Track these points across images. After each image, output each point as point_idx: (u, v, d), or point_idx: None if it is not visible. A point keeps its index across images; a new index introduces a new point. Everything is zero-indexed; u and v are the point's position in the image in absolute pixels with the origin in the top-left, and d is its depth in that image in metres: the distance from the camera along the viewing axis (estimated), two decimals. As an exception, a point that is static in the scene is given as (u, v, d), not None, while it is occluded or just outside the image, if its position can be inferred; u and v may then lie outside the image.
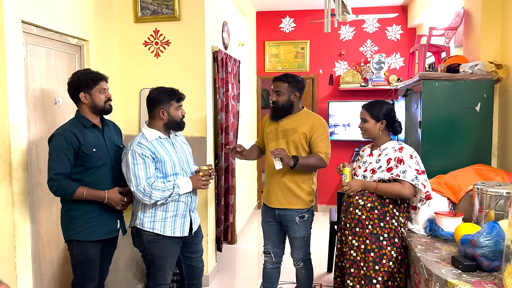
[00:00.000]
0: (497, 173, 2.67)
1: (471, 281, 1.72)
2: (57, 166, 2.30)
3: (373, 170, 2.41)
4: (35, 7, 2.69)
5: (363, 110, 2.49)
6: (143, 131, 2.49)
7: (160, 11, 3.62)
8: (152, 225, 2.43)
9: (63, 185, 2.32)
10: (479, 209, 2.27)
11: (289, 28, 6.25)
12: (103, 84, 2.47)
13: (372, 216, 2.35)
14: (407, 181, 2.29)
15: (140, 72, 3.72)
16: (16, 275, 2.48)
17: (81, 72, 2.50)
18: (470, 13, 3.43)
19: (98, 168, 2.42)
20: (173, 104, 2.50)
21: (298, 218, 2.78)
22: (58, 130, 2.40)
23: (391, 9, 5.88)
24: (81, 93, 2.42)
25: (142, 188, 2.34)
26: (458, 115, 2.96)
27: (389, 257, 2.31)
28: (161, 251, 2.46)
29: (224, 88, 3.94)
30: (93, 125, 2.46)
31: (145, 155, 2.37)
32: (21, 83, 2.55)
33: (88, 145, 2.38)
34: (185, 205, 2.51)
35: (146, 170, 2.36)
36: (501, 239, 1.74)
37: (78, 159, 2.37)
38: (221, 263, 4.18)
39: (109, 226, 2.49)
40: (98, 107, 2.45)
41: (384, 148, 2.44)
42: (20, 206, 2.51)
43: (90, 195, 2.35)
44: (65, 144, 2.31)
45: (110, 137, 2.54)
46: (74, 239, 2.41)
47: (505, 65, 2.99)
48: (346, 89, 5.96)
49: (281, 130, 2.79)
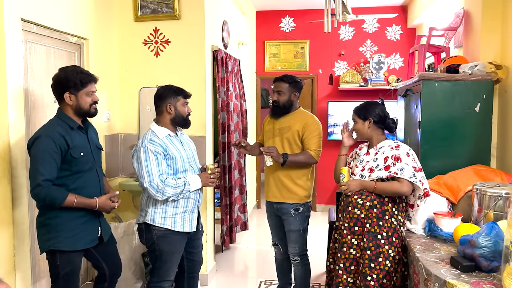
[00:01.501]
0: (496, 173, 2.67)
1: (470, 282, 1.72)
2: (45, 171, 2.10)
3: (370, 169, 2.42)
4: (35, 5, 2.68)
5: (353, 112, 2.57)
6: (152, 129, 2.50)
7: (160, 10, 3.62)
8: (163, 221, 2.47)
9: (52, 193, 2.12)
10: (478, 210, 2.27)
11: (289, 28, 6.25)
12: (92, 87, 2.28)
13: (370, 215, 2.36)
14: (405, 178, 2.31)
15: (140, 71, 3.72)
16: (15, 273, 2.48)
17: (70, 69, 2.27)
18: (470, 14, 3.43)
19: (84, 173, 2.28)
20: (180, 100, 2.52)
21: (293, 210, 2.89)
22: (43, 131, 2.20)
23: (391, 9, 5.88)
24: (66, 93, 2.22)
25: (155, 184, 2.36)
26: (457, 115, 2.97)
27: (386, 256, 2.31)
28: (169, 247, 2.50)
29: (225, 87, 3.94)
30: (78, 126, 2.30)
31: (158, 152, 2.40)
32: (20, 81, 2.55)
33: (76, 148, 2.22)
34: (194, 201, 2.58)
35: (158, 167, 2.39)
36: (500, 240, 1.74)
37: (64, 163, 2.19)
38: (220, 262, 4.18)
39: (92, 234, 2.34)
40: (83, 110, 2.28)
41: (381, 146, 2.46)
42: (19, 204, 2.51)
43: (80, 203, 2.20)
44: (53, 147, 2.13)
45: (92, 139, 2.40)
46: (56, 249, 2.20)
47: (504, 66, 2.99)
48: (346, 89, 5.96)
49: (277, 128, 2.94)
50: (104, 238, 2.43)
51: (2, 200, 2.42)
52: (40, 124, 2.79)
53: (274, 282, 3.61)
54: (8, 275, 2.43)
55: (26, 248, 2.58)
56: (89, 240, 2.33)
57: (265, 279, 3.80)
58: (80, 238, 2.27)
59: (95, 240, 2.37)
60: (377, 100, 2.58)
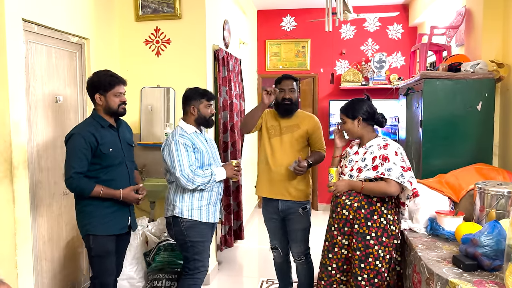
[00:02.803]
0: (498, 172, 2.66)
1: (472, 281, 1.72)
2: (76, 165, 2.37)
3: (359, 169, 2.38)
4: (36, 6, 2.68)
5: (340, 112, 2.51)
6: (181, 125, 2.70)
7: (161, 9, 3.62)
8: (190, 213, 2.64)
9: (82, 184, 2.39)
10: (480, 209, 2.26)
11: (290, 27, 6.25)
12: (119, 88, 2.51)
13: (359, 216, 2.32)
14: (393, 179, 2.26)
15: (141, 70, 3.72)
16: (17, 274, 2.48)
17: (102, 72, 2.54)
18: (472, 12, 3.42)
19: (115, 167, 2.52)
20: (203, 102, 2.68)
21: (301, 209, 2.89)
22: (76, 129, 2.46)
23: (392, 8, 5.86)
24: (96, 94, 2.48)
25: (186, 174, 2.54)
26: (459, 114, 2.96)
27: (376, 256, 2.27)
28: (199, 236, 2.67)
29: (227, 86, 3.94)
30: (109, 125, 2.53)
31: (187, 145, 2.59)
32: (22, 82, 2.55)
33: (105, 144, 2.46)
34: (217, 194, 2.76)
35: (188, 159, 2.57)
36: (503, 239, 1.74)
37: (95, 157, 2.44)
38: (222, 261, 4.18)
39: (122, 222, 2.59)
40: (112, 110, 2.51)
41: (370, 145, 2.40)
42: (21, 204, 2.51)
43: (106, 194, 2.44)
44: (83, 143, 2.38)
45: (124, 136, 2.63)
46: (90, 233, 2.48)
47: (506, 64, 2.98)
48: (347, 88, 5.95)
49: (284, 126, 2.92)
50: (132, 228, 2.70)
51: (4, 200, 2.42)
52: (41, 124, 2.81)
53: (276, 281, 3.60)
54: (10, 275, 2.44)
55: (28, 248, 2.58)
56: (119, 227, 2.58)
57: (267, 278, 3.80)
58: (112, 225, 2.53)
59: (125, 227, 2.62)
60: (363, 97, 2.53)
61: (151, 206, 3.69)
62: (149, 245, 3.39)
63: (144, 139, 3.77)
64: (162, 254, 3.27)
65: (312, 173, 6.03)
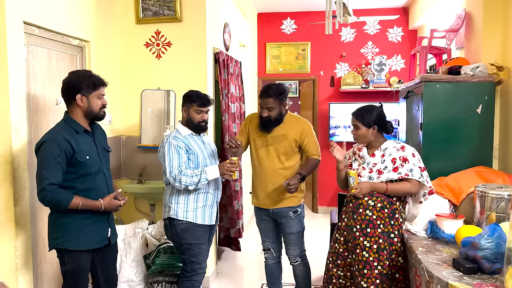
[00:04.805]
0: (498, 175, 2.66)
1: (472, 284, 1.72)
2: (50, 176, 2.14)
3: (379, 171, 2.45)
4: (37, 8, 2.69)
5: (354, 117, 2.52)
6: (177, 127, 2.75)
7: (161, 12, 3.63)
8: (185, 215, 2.65)
9: (57, 196, 2.16)
10: (480, 211, 2.26)
11: (290, 30, 6.26)
12: (102, 90, 2.34)
13: (382, 216, 2.41)
14: (415, 179, 2.39)
15: (141, 73, 3.73)
16: (17, 276, 2.48)
17: (82, 72, 2.36)
18: (472, 15, 3.43)
19: (92, 175, 2.30)
20: (193, 106, 2.69)
21: (292, 213, 2.89)
22: (48, 136, 2.22)
23: (392, 11, 5.88)
24: (78, 95, 2.24)
25: (173, 174, 2.56)
26: (459, 117, 2.96)
27: (399, 252, 2.40)
28: (194, 238, 2.67)
29: (227, 89, 3.95)
30: (84, 130, 2.32)
31: (180, 146, 2.62)
32: (22, 84, 2.56)
33: (82, 152, 2.24)
34: (213, 196, 2.76)
35: (179, 160, 2.60)
36: (503, 242, 1.74)
37: (70, 166, 2.22)
38: (221, 265, 4.18)
39: (100, 234, 2.37)
40: (93, 113, 2.31)
41: (385, 148, 2.49)
42: (21, 206, 2.51)
43: (85, 206, 2.22)
44: (58, 151, 2.15)
45: (99, 141, 2.43)
46: (64, 247, 2.25)
47: (506, 67, 2.99)
48: (347, 90, 5.96)
49: (270, 137, 2.86)
50: (111, 240, 2.44)
51: (4, 202, 2.42)
52: (42, 126, 2.81)
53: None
54: (10, 277, 2.44)
55: (28, 250, 2.58)
56: (97, 240, 2.35)
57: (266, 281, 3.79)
58: (87, 239, 2.30)
59: (105, 240, 2.39)
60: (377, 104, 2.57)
61: (151, 209, 3.69)
62: (149, 247, 3.39)
63: (145, 141, 3.77)
64: (162, 257, 3.27)
65: (312, 176, 6.03)
